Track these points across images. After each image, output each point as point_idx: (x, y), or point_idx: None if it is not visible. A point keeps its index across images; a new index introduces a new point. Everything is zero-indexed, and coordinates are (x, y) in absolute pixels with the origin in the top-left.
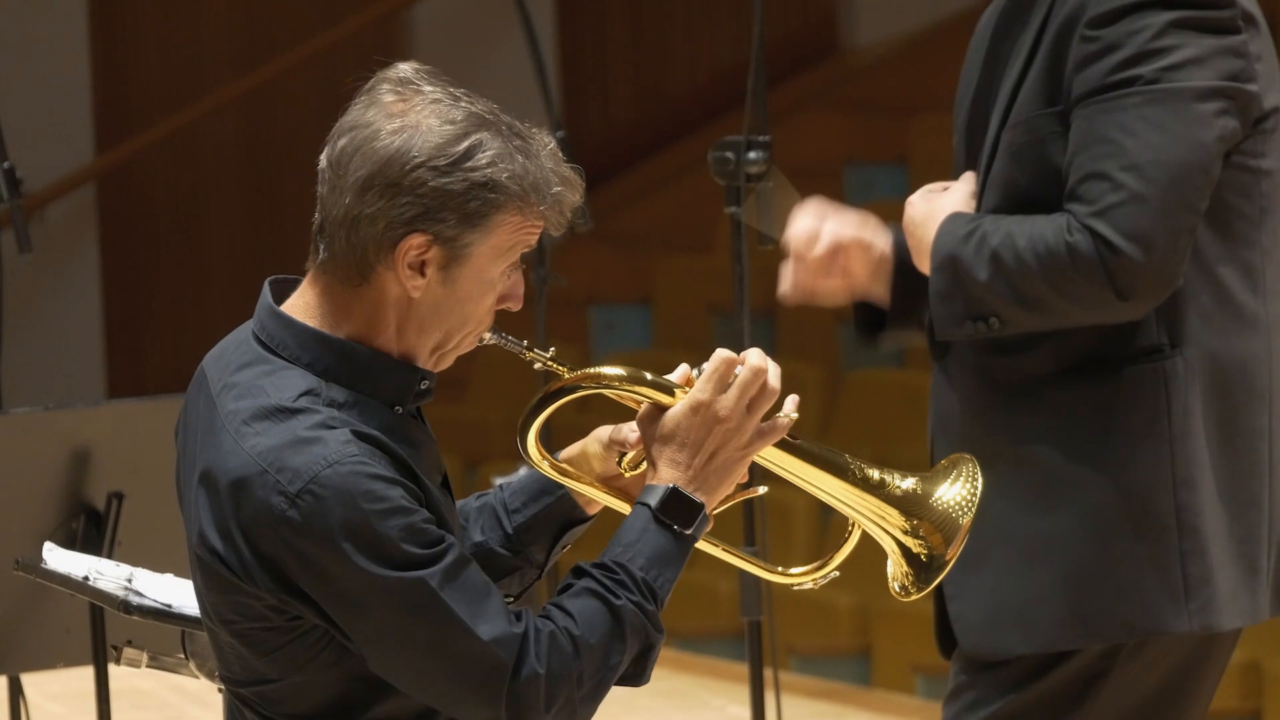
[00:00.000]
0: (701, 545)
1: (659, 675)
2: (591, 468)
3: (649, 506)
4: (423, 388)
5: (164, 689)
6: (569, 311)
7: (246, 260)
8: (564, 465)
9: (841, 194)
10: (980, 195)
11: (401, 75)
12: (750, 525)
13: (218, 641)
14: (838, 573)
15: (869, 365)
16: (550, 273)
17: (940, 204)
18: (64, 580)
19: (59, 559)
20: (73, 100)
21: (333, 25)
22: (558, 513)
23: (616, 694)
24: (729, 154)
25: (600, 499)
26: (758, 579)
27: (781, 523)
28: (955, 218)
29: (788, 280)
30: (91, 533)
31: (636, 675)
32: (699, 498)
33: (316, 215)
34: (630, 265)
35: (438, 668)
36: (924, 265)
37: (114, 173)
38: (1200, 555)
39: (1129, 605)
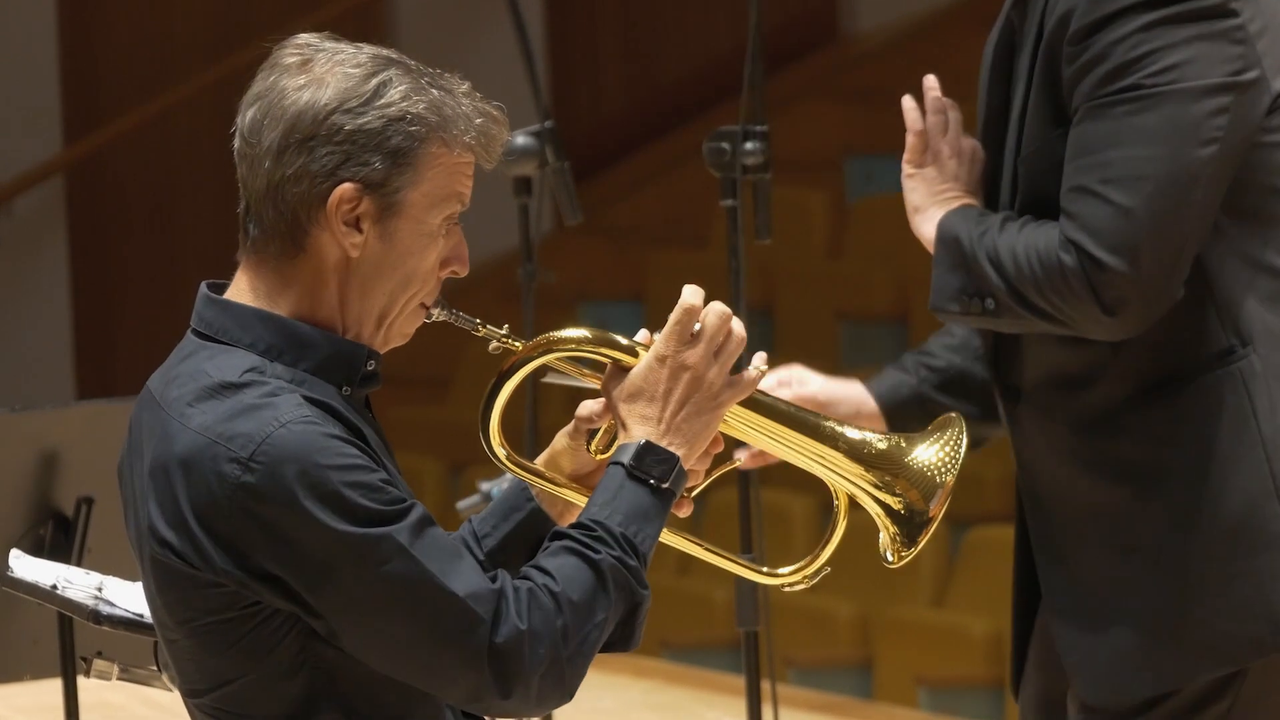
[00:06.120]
0: (686, 547)
1: (653, 688)
2: (562, 468)
3: (622, 464)
4: (369, 369)
5: (135, 702)
6: (558, 309)
7: (221, 255)
8: (531, 464)
9: (841, 186)
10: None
11: (301, 40)
12: (747, 532)
13: (175, 651)
14: (829, 568)
15: (869, 364)
16: (538, 268)
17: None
18: (31, 589)
19: (26, 567)
20: (40, 88)
21: (311, 11)
22: (529, 528)
23: (610, 705)
24: (724, 145)
25: (574, 499)
26: (754, 586)
27: (780, 529)
28: (967, 209)
29: None
30: (60, 539)
31: (625, 639)
32: (674, 450)
33: (241, 199)
34: (622, 260)
35: (412, 630)
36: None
37: (83, 164)
38: None
39: (1253, 623)
